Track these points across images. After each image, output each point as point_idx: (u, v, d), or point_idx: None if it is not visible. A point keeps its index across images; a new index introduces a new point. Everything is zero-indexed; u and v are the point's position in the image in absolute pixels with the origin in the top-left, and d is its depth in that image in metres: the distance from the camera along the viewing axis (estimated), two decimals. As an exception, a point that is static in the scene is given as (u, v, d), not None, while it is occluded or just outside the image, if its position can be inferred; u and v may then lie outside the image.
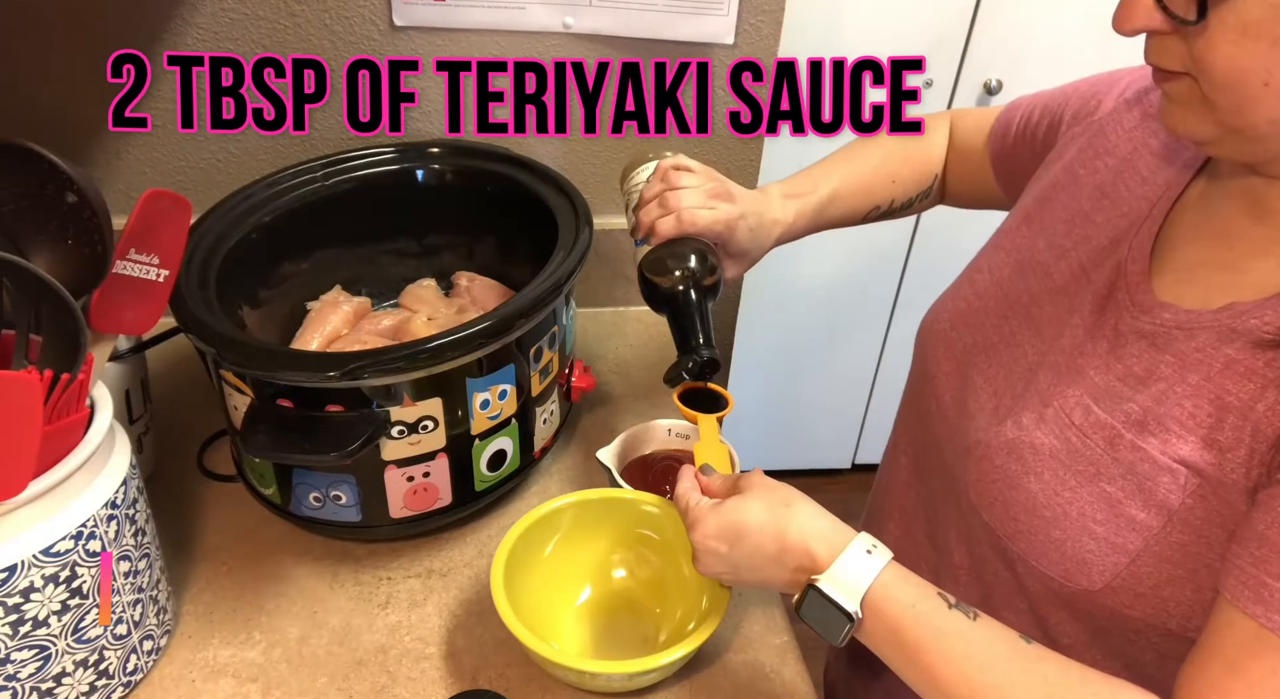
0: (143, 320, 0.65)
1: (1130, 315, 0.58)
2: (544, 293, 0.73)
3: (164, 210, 0.64)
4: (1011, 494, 0.58)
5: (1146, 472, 0.53)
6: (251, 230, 0.83)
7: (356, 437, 0.67)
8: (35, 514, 0.55)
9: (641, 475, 0.81)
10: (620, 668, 0.63)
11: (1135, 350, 0.56)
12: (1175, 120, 0.53)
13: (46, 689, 0.60)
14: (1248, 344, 0.51)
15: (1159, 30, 0.49)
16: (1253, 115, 0.48)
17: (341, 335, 0.89)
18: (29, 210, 0.59)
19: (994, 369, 0.65)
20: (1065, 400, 0.58)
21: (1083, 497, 0.55)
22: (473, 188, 0.94)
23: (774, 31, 1.00)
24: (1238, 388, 0.51)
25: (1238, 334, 0.52)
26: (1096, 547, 0.54)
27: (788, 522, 0.57)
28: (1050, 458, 0.57)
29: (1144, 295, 0.58)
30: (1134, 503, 0.53)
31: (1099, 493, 0.54)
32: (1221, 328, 0.53)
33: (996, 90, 1.74)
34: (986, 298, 0.69)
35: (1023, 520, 0.58)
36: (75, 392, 0.57)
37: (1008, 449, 0.59)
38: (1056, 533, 0.56)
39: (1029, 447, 0.58)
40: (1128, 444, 0.54)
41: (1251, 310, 0.52)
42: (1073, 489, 0.55)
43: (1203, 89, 0.49)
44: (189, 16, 0.93)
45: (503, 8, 0.95)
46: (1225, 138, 0.51)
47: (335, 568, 0.78)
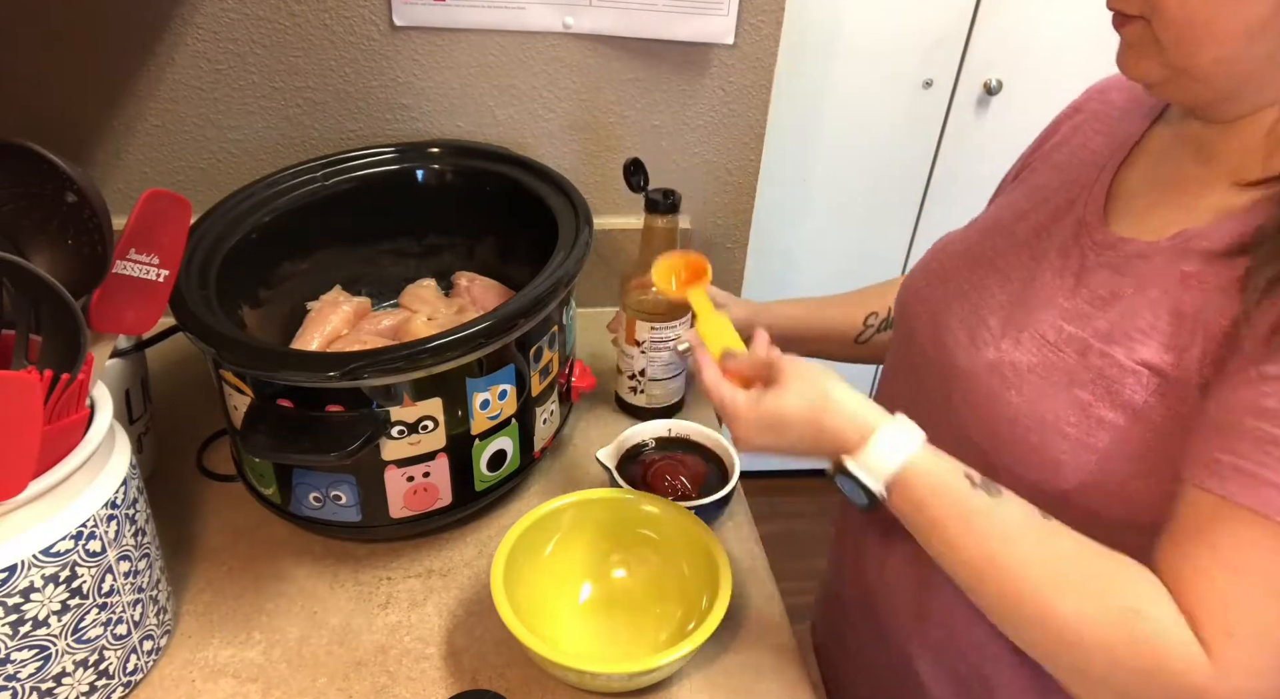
0: (143, 320, 0.65)
1: (1094, 253, 0.63)
2: (544, 293, 0.73)
3: (164, 210, 0.64)
4: (995, 408, 0.63)
5: (1114, 375, 0.58)
6: (251, 230, 0.83)
7: (356, 437, 0.67)
8: (35, 514, 0.55)
9: (641, 474, 0.82)
10: (620, 668, 0.63)
11: (1100, 278, 0.62)
12: (1129, 62, 0.58)
13: (46, 689, 0.60)
14: (1199, 259, 0.57)
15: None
16: (1199, 55, 0.54)
17: (341, 335, 0.89)
18: (29, 210, 0.59)
19: (966, 310, 0.70)
20: (1039, 324, 0.63)
21: (1059, 403, 0.60)
22: (473, 188, 0.94)
23: (774, 31, 1.00)
24: (1190, 297, 0.57)
25: (1190, 252, 0.58)
26: (1069, 446, 0.59)
27: (823, 410, 0.61)
28: (1029, 373, 0.62)
29: (1103, 235, 0.64)
30: (1103, 404, 0.58)
31: (1072, 398, 0.59)
32: (1175, 249, 0.59)
33: (996, 90, 1.74)
34: (956, 257, 0.74)
35: (1004, 432, 0.62)
36: (75, 392, 0.57)
37: (989, 369, 0.64)
38: (1034, 438, 0.60)
39: (1009, 365, 0.63)
40: (1097, 352, 0.59)
41: (1199, 233, 0.58)
42: (1049, 397, 0.60)
43: (1155, 31, 0.54)
44: (189, 16, 0.93)
45: (503, 8, 0.95)
46: (1173, 79, 0.56)
47: (335, 568, 0.78)
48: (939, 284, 0.74)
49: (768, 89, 1.04)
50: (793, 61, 1.65)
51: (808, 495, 1.86)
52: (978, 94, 1.76)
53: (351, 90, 0.99)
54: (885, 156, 1.82)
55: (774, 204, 1.84)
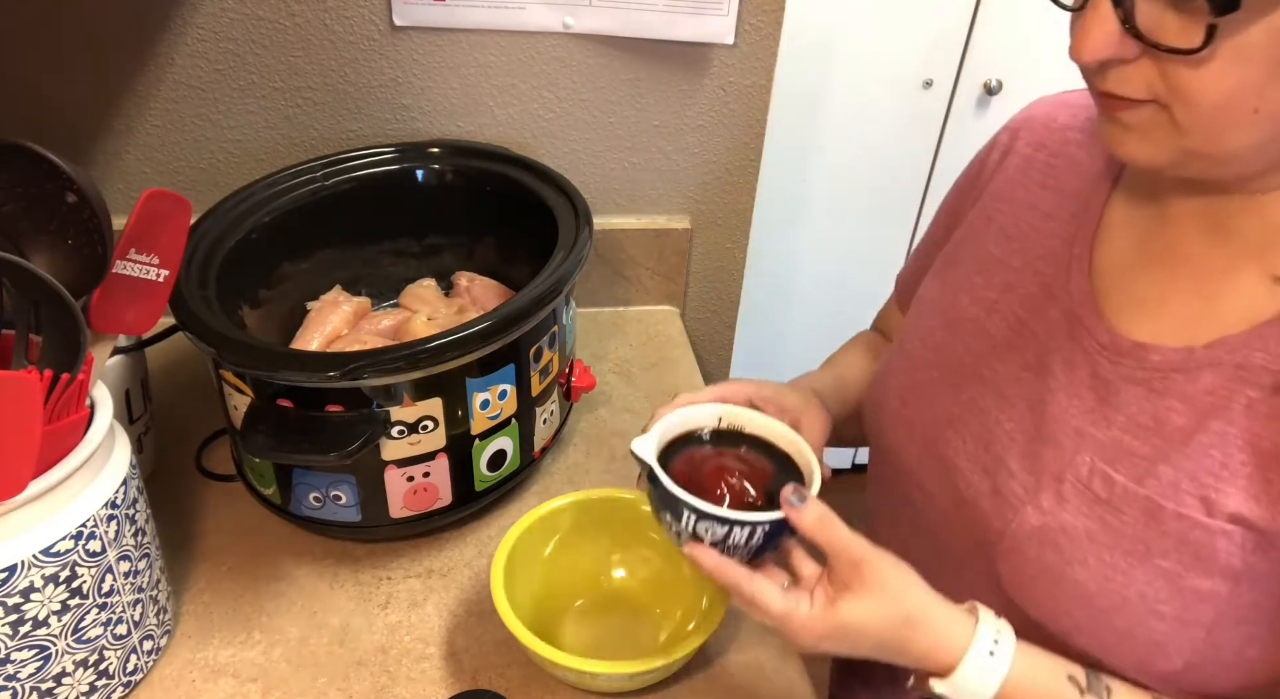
0: (143, 320, 0.65)
1: (1108, 361, 0.54)
2: (544, 293, 0.73)
3: (164, 210, 0.64)
4: (1058, 588, 0.54)
5: (1200, 539, 0.49)
6: (251, 230, 0.83)
7: (356, 437, 0.67)
8: (35, 514, 0.55)
9: (689, 475, 0.61)
10: (621, 668, 0.63)
11: (1131, 398, 0.53)
12: (1130, 149, 0.49)
13: (46, 689, 0.60)
14: (1266, 382, 0.48)
15: (1126, 58, 0.46)
16: (1232, 141, 0.45)
17: (341, 335, 0.88)
18: (29, 210, 0.59)
19: (969, 445, 0.60)
20: (1078, 469, 0.54)
21: (1139, 578, 0.51)
22: (473, 188, 0.94)
23: (774, 31, 1.00)
24: (1270, 431, 0.48)
25: (1246, 371, 0.49)
26: (1167, 627, 0.50)
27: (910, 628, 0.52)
28: (1090, 541, 0.52)
29: (1110, 336, 0.55)
30: (1195, 574, 0.49)
31: (1155, 570, 0.50)
32: (1224, 366, 0.50)
33: (996, 90, 1.74)
34: (929, 368, 0.65)
35: (1078, 614, 0.53)
36: (75, 392, 0.57)
37: (1039, 538, 0.54)
38: (1120, 622, 0.52)
39: (1061, 532, 0.53)
40: (1170, 514, 0.50)
41: (1246, 342, 0.49)
42: (1125, 572, 0.51)
43: (1175, 116, 0.45)
44: (189, 17, 0.93)
45: (503, 8, 0.95)
46: (1190, 163, 0.48)
47: (335, 568, 0.78)
48: (920, 404, 0.64)
49: (768, 89, 1.04)
50: (793, 61, 1.65)
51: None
52: (978, 94, 1.76)
53: (351, 90, 0.99)
54: (885, 156, 1.82)
55: (774, 204, 1.84)
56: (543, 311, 0.74)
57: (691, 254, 1.15)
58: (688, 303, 1.19)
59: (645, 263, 1.13)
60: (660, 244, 1.12)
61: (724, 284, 1.19)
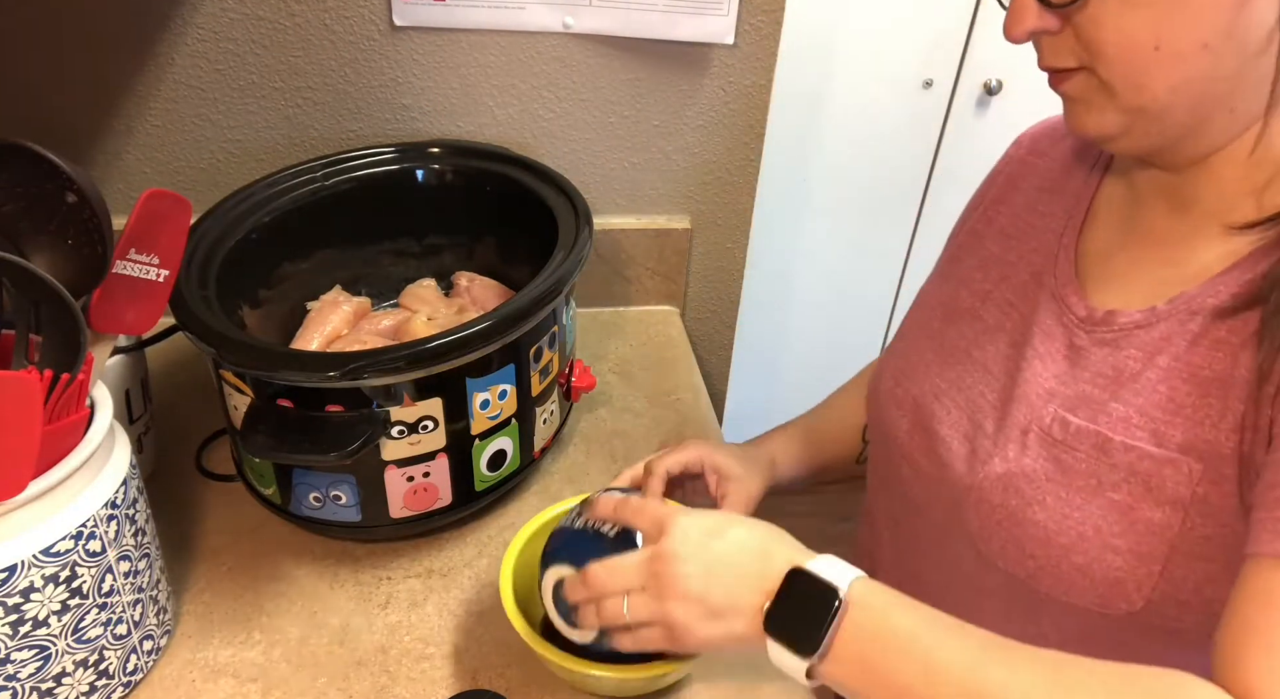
0: (143, 320, 0.65)
1: (1084, 332, 0.58)
2: (544, 293, 0.73)
3: (164, 210, 0.64)
4: (1020, 530, 0.56)
5: (1148, 469, 0.52)
6: (251, 230, 0.83)
7: (356, 437, 0.67)
8: (35, 514, 0.55)
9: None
10: (636, 673, 0.62)
11: (1098, 357, 0.56)
12: (1081, 120, 0.53)
13: (46, 689, 0.60)
14: (1208, 318, 0.52)
15: (1048, 30, 0.50)
16: (1152, 85, 0.49)
17: (341, 335, 0.89)
18: (29, 210, 0.59)
19: (953, 415, 0.63)
20: (1042, 419, 0.57)
21: (1093, 512, 0.53)
22: (473, 188, 0.94)
23: (774, 31, 1.00)
24: (1208, 359, 0.51)
25: (1196, 314, 0.52)
26: (1124, 561, 0.52)
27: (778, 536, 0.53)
28: (1047, 481, 0.55)
29: (1086, 310, 0.58)
30: (1146, 504, 0.52)
31: (1107, 503, 0.52)
32: (1180, 314, 0.53)
33: (996, 90, 1.74)
34: (924, 351, 0.69)
35: (1040, 555, 0.55)
36: (75, 392, 0.57)
37: (1003, 485, 0.57)
38: (1078, 558, 0.53)
39: (1022, 476, 0.56)
40: (1118, 445, 0.53)
41: (1199, 292, 0.53)
42: (1080, 508, 0.53)
43: (1100, 76, 0.50)
44: (189, 17, 0.93)
45: (503, 8, 0.95)
46: (1133, 125, 0.51)
47: (335, 568, 0.78)
48: (912, 383, 0.68)
49: (768, 89, 1.04)
50: (793, 61, 1.66)
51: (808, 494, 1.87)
52: (978, 94, 1.76)
53: (351, 90, 0.99)
54: (885, 156, 1.82)
55: (774, 204, 1.84)
56: (543, 312, 0.74)
57: (691, 254, 1.15)
58: (688, 303, 1.19)
59: (645, 263, 1.13)
60: (660, 244, 1.12)
61: (724, 284, 1.19)
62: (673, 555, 0.52)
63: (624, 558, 0.54)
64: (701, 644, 0.52)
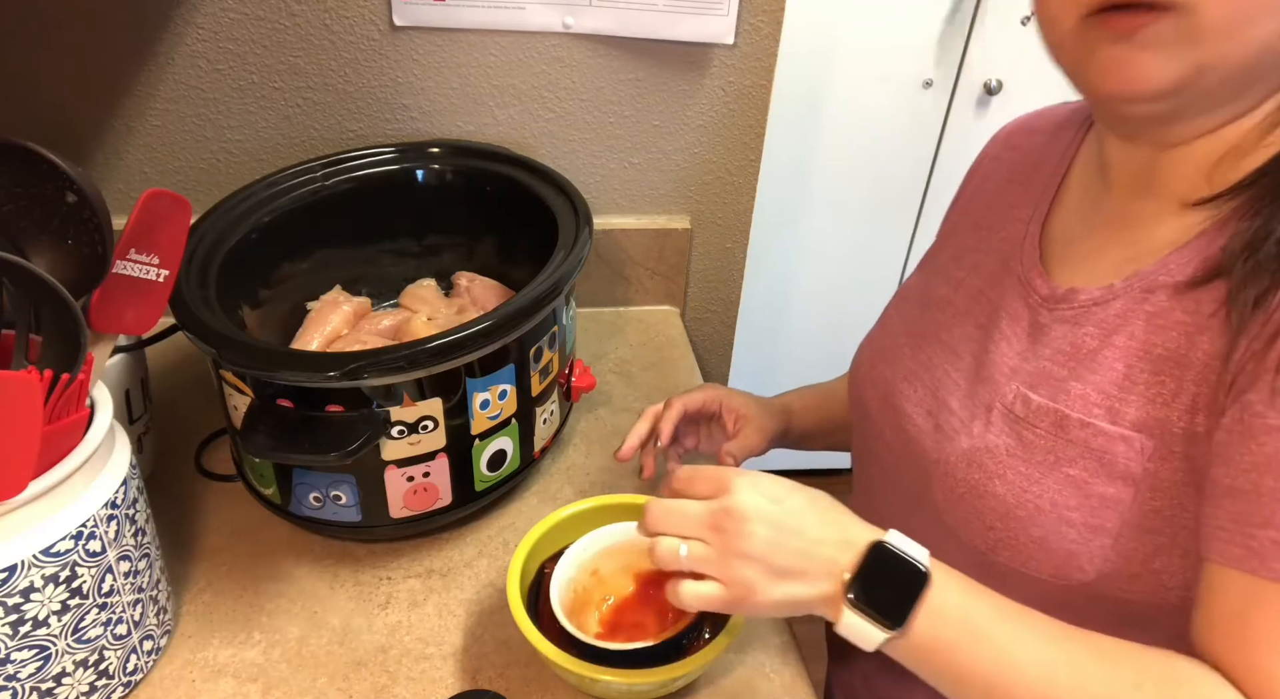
0: (143, 320, 0.65)
1: (1046, 310, 0.59)
2: (544, 293, 0.73)
3: (164, 210, 0.64)
4: (982, 503, 0.57)
5: (1101, 445, 0.53)
6: (251, 230, 0.83)
7: (356, 437, 0.67)
8: (35, 514, 0.55)
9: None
10: (643, 678, 0.62)
11: (1058, 334, 0.57)
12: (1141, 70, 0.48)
13: (46, 689, 0.60)
14: (1165, 294, 0.52)
15: None
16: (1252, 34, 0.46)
17: (341, 335, 0.89)
18: (29, 210, 0.59)
19: (919, 393, 0.66)
20: (1004, 396, 0.58)
21: (1049, 487, 0.54)
22: (473, 188, 0.94)
23: (774, 31, 1.00)
24: (1164, 338, 0.52)
25: (1152, 289, 0.53)
26: (1077, 534, 0.54)
27: (840, 506, 0.54)
28: (1008, 457, 0.56)
29: (1049, 289, 0.59)
30: (1099, 480, 0.53)
31: (1063, 478, 0.54)
32: (1135, 291, 0.54)
33: (996, 90, 1.74)
34: (898, 335, 0.71)
35: (999, 528, 0.57)
36: (75, 392, 0.57)
37: (967, 460, 0.59)
38: (1035, 530, 0.55)
39: (985, 451, 0.58)
40: (1075, 422, 0.54)
41: (1154, 270, 0.53)
42: (1038, 482, 0.55)
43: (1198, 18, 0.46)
44: (189, 17, 0.93)
45: (503, 8, 0.95)
46: (1191, 83, 0.48)
47: (335, 568, 0.78)
48: (885, 364, 0.70)
49: (768, 89, 1.04)
50: (793, 61, 1.66)
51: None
52: (978, 94, 1.76)
53: (351, 90, 0.99)
54: (885, 156, 1.82)
55: (774, 204, 1.84)
56: (543, 312, 0.74)
57: (691, 254, 1.15)
58: (688, 303, 1.19)
59: (645, 263, 1.13)
60: (660, 244, 1.12)
61: (724, 284, 1.19)
62: (740, 513, 0.51)
63: (686, 503, 0.53)
64: (763, 606, 0.52)
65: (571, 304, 0.86)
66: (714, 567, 0.52)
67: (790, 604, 0.52)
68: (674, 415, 0.81)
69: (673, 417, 0.81)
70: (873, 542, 0.51)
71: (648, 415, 0.82)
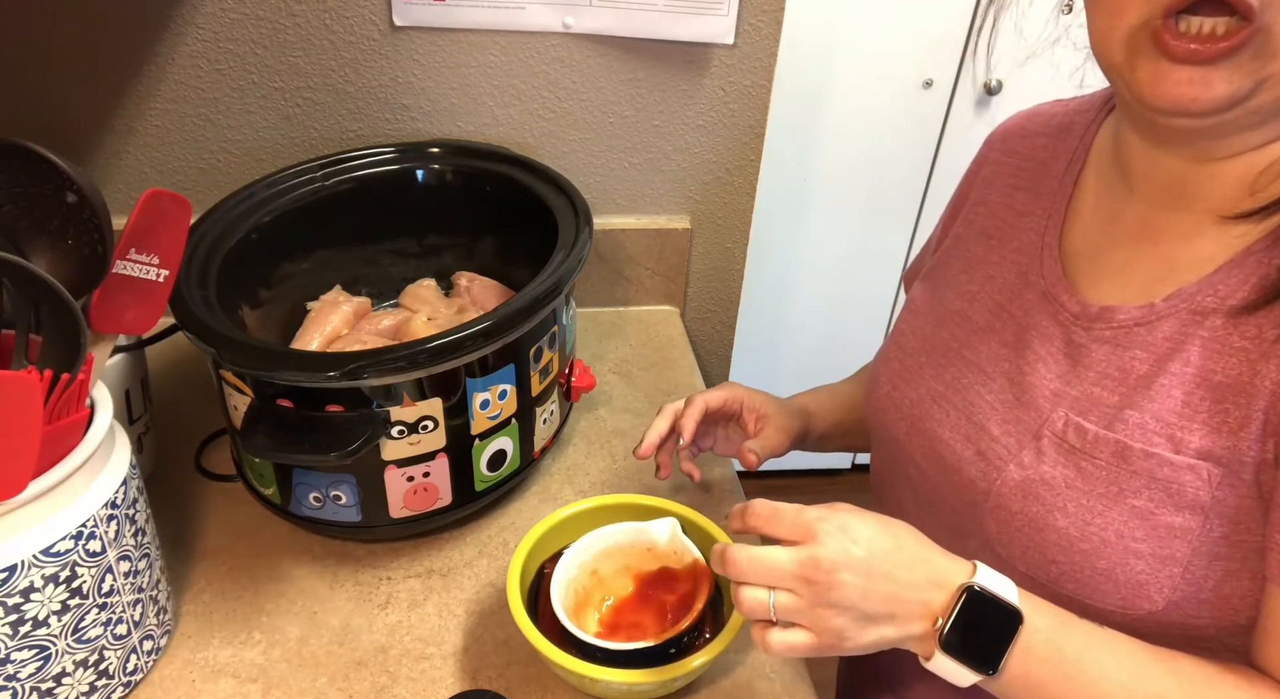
0: (143, 320, 0.65)
1: (1081, 328, 0.57)
2: (544, 293, 0.73)
3: (164, 210, 0.64)
4: (1041, 537, 0.56)
5: (1168, 475, 0.52)
6: (251, 230, 0.83)
7: (356, 437, 0.67)
8: (35, 514, 0.55)
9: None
10: (644, 678, 0.62)
11: (1101, 356, 0.56)
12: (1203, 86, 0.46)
13: (46, 689, 0.60)
14: (1218, 320, 0.51)
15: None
16: None
17: (341, 335, 0.89)
18: (29, 210, 0.59)
19: (951, 417, 0.63)
20: (1054, 424, 0.57)
21: (1115, 518, 0.53)
22: (473, 188, 0.95)
23: (774, 31, 1.00)
24: (1223, 365, 0.50)
25: (1200, 315, 0.52)
26: (1146, 565, 0.53)
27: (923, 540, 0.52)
28: (1067, 488, 0.55)
29: (1080, 306, 0.58)
30: (1166, 510, 0.52)
31: (1129, 509, 0.53)
32: (1181, 313, 0.53)
33: (996, 90, 1.74)
34: (916, 354, 0.69)
35: (1062, 561, 0.55)
36: (75, 392, 0.57)
37: (1022, 492, 0.57)
38: (1101, 563, 0.54)
39: (1041, 483, 0.56)
40: (1138, 454, 0.52)
41: (1200, 290, 0.52)
42: (1101, 514, 0.54)
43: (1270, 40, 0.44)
44: (189, 17, 0.93)
45: (503, 8, 0.95)
46: (1253, 94, 0.46)
47: (335, 568, 0.78)
48: (907, 386, 0.68)
49: (768, 89, 1.04)
50: (793, 61, 1.66)
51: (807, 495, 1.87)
52: (978, 94, 1.76)
53: (351, 90, 0.99)
54: (885, 156, 1.82)
55: (774, 204, 1.84)
56: (543, 312, 0.74)
57: (691, 254, 1.15)
58: (688, 303, 1.19)
59: (645, 263, 1.13)
60: (660, 244, 1.12)
61: (724, 284, 1.19)
62: (830, 563, 0.50)
63: (772, 553, 0.52)
64: (854, 650, 0.52)
65: (571, 304, 0.86)
66: (804, 617, 0.51)
67: (881, 644, 0.52)
68: (695, 413, 0.78)
69: (694, 415, 0.78)
70: (963, 585, 0.50)
71: (667, 413, 0.79)
